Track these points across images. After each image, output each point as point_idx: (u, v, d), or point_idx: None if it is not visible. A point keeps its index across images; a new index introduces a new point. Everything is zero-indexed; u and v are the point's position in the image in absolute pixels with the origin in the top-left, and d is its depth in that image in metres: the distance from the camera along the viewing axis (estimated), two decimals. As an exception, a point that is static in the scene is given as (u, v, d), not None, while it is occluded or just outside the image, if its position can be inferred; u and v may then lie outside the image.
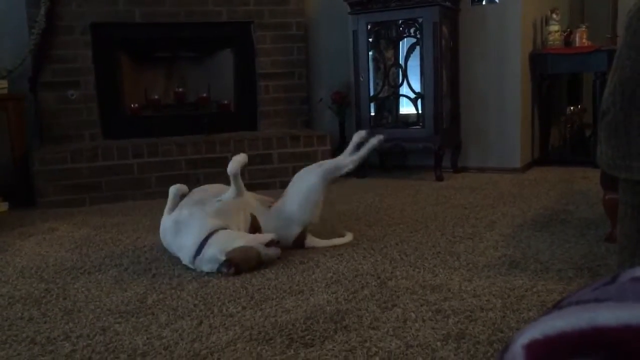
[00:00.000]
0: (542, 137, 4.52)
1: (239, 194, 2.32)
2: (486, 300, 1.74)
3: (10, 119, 3.68)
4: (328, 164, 2.51)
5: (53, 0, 3.87)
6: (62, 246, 2.66)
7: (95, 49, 4.06)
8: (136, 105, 4.19)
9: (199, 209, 2.24)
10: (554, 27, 4.32)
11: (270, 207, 2.46)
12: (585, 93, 5.12)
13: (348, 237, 2.51)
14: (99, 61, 4.09)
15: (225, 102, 4.40)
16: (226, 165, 2.36)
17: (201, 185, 2.61)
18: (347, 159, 2.50)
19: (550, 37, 4.32)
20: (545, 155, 4.52)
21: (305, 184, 2.42)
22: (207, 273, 2.13)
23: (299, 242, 2.40)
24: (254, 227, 2.32)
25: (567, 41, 4.37)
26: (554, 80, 4.65)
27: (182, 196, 2.35)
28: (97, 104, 4.10)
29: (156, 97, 4.25)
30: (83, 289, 2.03)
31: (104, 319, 1.74)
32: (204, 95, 4.31)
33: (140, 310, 1.80)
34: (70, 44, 4.00)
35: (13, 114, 3.68)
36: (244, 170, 2.39)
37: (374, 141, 2.55)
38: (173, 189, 2.36)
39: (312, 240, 2.43)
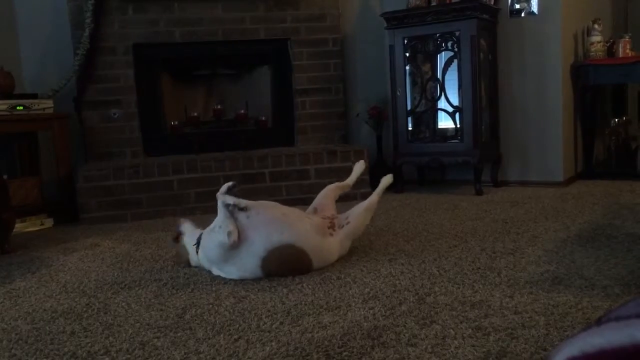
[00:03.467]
0: (586, 149, 4.41)
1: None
2: (528, 318, 1.69)
3: (56, 137, 3.79)
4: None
5: (97, 22, 4.00)
6: (104, 261, 2.71)
7: (137, 69, 4.17)
8: (176, 122, 4.27)
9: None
10: (597, 38, 4.23)
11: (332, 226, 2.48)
12: (631, 104, 4.98)
13: None
14: (140, 80, 4.19)
15: (263, 118, 4.44)
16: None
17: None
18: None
19: (593, 48, 4.23)
20: (589, 168, 4.41)
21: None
22: (245, 289, 2.13)
23: None
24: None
25: (611, 52, 4.27)
26: (597, 92, 4.54)
27: None
28: (138, 121, 4.20)
29: (196, 114, 4.33)
30: (123, 304, 2.05)
31: (143, 333, 1.76)
32: (242, 111, 4.37)
33: (179, 325, 1.81)
34: (113, 64, 4.12)
35: (58, 132, 3.80)
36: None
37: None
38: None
39: None
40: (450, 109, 4.07)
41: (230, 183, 2.35)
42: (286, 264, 2.26)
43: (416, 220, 3.23)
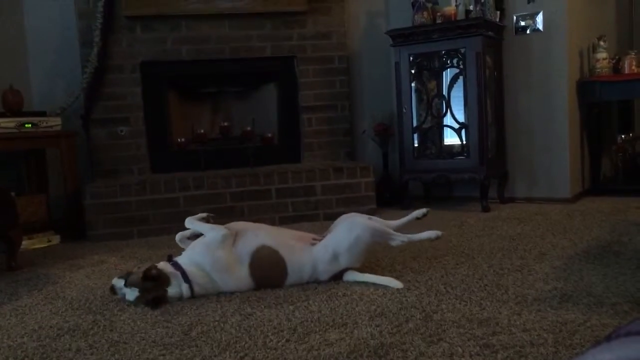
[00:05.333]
0: (593, 166, 4.40)
1: (214, 230, 2.34)
2: (537, 335, 1.68)
3: (63, 154, 3.82)
4: (382, 229, 2.44)
5: (105, 40, 4.04)
6: (110, 278, 2.69)
7: (144, 87, 4.21)
8: (183, 139, 4.29)
9: (190, 248, 2.39)
10: (602, 55, 4.24)
11: (313, 243, 2.44)
12: (637, 120, 4.97)
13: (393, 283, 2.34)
14: (148, 98, 4.23)
15: (269, 135, 4.45)
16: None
17: (244, 218, 2.63)
18: (399, 236, 2.43)
19: (598, 65, 4.23)
20: (596, 184, 4.39)
21: (356, 234, 2.36)
22: (251, 306, 2.13)
23: (337, 276, 2.39)
24: (270, 263, 2.33)
25: (616, 68, 4.27)
26: (603, 108, 4.54)
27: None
28: (145, 139, 4.23)
29: (202, 131, 4.34)
30: (129, 321, 2.05)
31: (149, 351, 1.75)
32: (249, 128, 4.38)
33: (185, 342, 1.80)
34: (121, 82, 4.15)
35: (66, 149, 3.82)
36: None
37: (417, 213, 2.62)
38: (177, 237, 2.53)
39: (352, 275, 2.38)
40: (456, 126, 4.07)
41: (204, 214, 2.47)
42: (265, 266, 2.32)
43: (423, 237, 3.21)
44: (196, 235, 2.44)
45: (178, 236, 2.51)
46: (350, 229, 2.38)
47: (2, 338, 1.95)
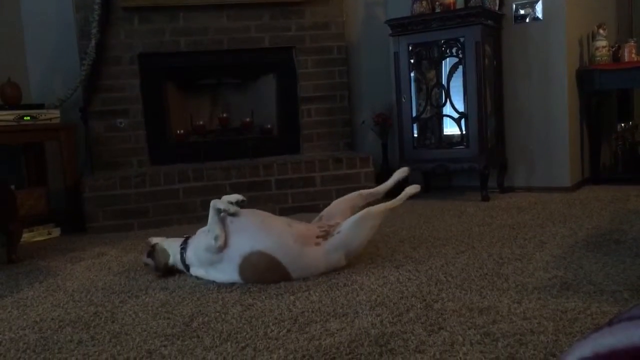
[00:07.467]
0: (593, 155, 4.39)
1: (210, 232, 2.30)
2: (537, 323, 1.68)
3: (63, 147, 3.81)
4: (385, 207, 2.51)
5: (103, 32, 4.03)
6: (111, 270, 2.71)
7: (142, 78, 4.20)
8: (182, 131, 4.28)
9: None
10: (602, 43, 4.22)
11: (317, 242, 2.36)
12: (637, 109, 4.96)
13: None
14: (146, 90, 4.21)
15: (269, 126, 4.45)
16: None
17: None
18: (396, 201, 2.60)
19: (598, 53, 4.22)
20: (596, 173, 4.39)
21: (372, 223, 2.46)
22: (252, 297, 2.13)
23: None
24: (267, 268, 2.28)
25: (616, 57, 4.26)
26: (603, 97, 4.53)
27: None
28: (144, 131, 4.22)
29: (201, 123, 4.33)
30: (130, 312, 2.05)
31: (150, 342, 1.76)
32: (248, 120, 4.37)
33: (186, 333, 1.81)
34: (119, 74, 4.14)
35: (65, 142, 3.81)
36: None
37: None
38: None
39: None
40: (456, 115, 4.06)
41: (239, 197, 2.37)
42: (259, 271, 2.28)
43: (423, 226, 3.22)
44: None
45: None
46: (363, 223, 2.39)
47: (3, 330, 1.95)
